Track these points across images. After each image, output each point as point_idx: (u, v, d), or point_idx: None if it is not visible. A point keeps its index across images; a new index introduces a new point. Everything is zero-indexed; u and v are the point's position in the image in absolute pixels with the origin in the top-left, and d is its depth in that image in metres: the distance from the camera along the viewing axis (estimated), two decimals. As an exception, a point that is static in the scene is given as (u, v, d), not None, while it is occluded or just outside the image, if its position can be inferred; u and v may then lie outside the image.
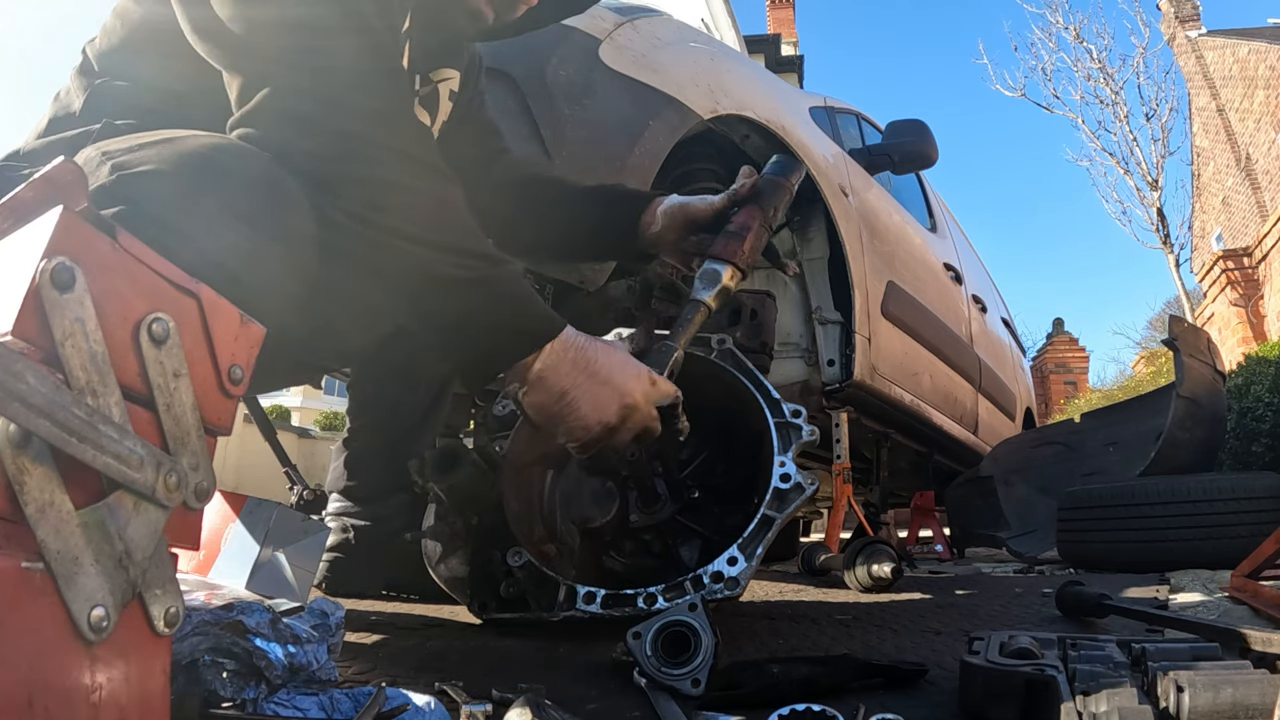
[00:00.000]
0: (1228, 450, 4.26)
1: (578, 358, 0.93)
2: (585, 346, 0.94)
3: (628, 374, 0.96)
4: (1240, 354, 6.93)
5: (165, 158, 0.69)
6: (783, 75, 6.25)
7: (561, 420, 0.94)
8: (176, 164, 0.70)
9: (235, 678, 0.65)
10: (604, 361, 0.95)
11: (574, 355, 0.93)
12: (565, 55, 1.63)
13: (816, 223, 2.42)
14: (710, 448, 1.44)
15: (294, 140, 0.79)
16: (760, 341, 1.56)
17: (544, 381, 0.92)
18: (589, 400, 0.94)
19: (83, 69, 0.97)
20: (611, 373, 0.95)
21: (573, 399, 0.93)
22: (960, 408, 3.49)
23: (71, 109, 0.94)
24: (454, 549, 1.24)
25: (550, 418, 0.95)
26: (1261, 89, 11.55)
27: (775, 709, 0.74)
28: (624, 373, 0.96)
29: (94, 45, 0.98)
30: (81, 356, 0.43)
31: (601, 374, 0.94)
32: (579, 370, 0.93)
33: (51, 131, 0.93)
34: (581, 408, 0.93)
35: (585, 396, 0.93)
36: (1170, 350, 3.16)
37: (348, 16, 0.82)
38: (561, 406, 0.93)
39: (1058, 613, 1.49)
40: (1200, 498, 2.37)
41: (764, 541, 1.11)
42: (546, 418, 0.95)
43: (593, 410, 0.94)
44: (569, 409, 0.93)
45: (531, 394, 0.93)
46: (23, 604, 0.39)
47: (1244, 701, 0.62)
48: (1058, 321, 19.72)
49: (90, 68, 0.97)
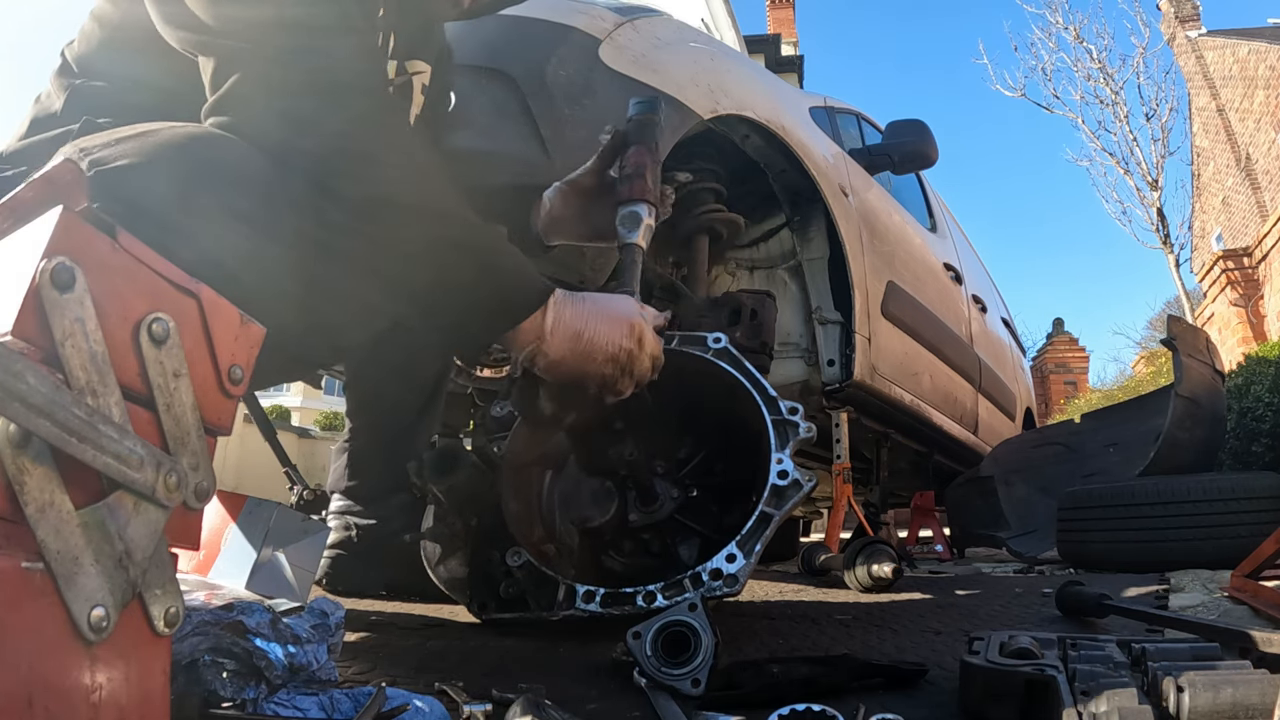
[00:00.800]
0: (1228, 450, 4.25)
1: (575, 303, 0.97)
2: (573, 293, 0.99)
3: (618, 302, 1.02)
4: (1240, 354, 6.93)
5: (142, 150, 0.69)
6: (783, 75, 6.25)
7: (589, 360, 0.97)
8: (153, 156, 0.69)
9: (235, 678, 0.65)
10: (596, 298, 1.00)
11: (572, 301, 0.97)
12: (565, 55, 1.63)
13: (816, 223, 2.42)
14: (709, 447, 1.44)
15: (294, 140, 0.79)
16: (760, 341, 1.56)
17: (561, 326, 0.95)
18: (604, 332, 0.98)
19: (62, 71, 0.97)
20: (608, 304, 1.00)
21: (590, 334, 0.97)
22: (960, 408, 3.49)
23: (52, 110, 0.94)
24: (453, 550, 1.24)
25: (579, 359, 0.97)
26: (1261, 89, 11.55)
27: (775, 709, 0.74)
28: (616, 302, 1.02)
29: (72, 48, 0.98)
30: (81, 356, 0.43)
31: (601, 307, 0.99)
32: (582, 312, 0.97)
33: (33, 133, 0.93)
34: (600, 340, 0.97)
35: (599, 329, 0.98)
36: (1169, 350, 3.16)
37: (343, 16, 0.82)
38: (584, 345, 0.97)
39: (1058, 613, 1.49)
40: (1200, 498, 2.37)
41: (762, 539, 1.11)
42: (575, 362, 0.97)
43: (610, 340, 0.98)
44: (591, 345, 0.97)
45: (553, 344, 0.95)
46: (23, 604, 0.39)
47: (1244, 701, 0.62)
48: (1058, 321, 19.73)
49: (69, 69, 0.97)
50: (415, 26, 1.13)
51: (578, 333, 0.96)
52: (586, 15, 1.74)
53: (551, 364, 0.96)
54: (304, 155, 0.80)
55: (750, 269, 2.59)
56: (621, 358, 0.99)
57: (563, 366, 0.97)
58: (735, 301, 1.65)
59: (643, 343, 1.02)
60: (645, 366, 1.03)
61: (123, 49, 0.95)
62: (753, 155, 2.18)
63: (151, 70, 0.92)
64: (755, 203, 2.43)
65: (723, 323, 1.62)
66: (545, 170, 1.48)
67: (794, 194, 2.36)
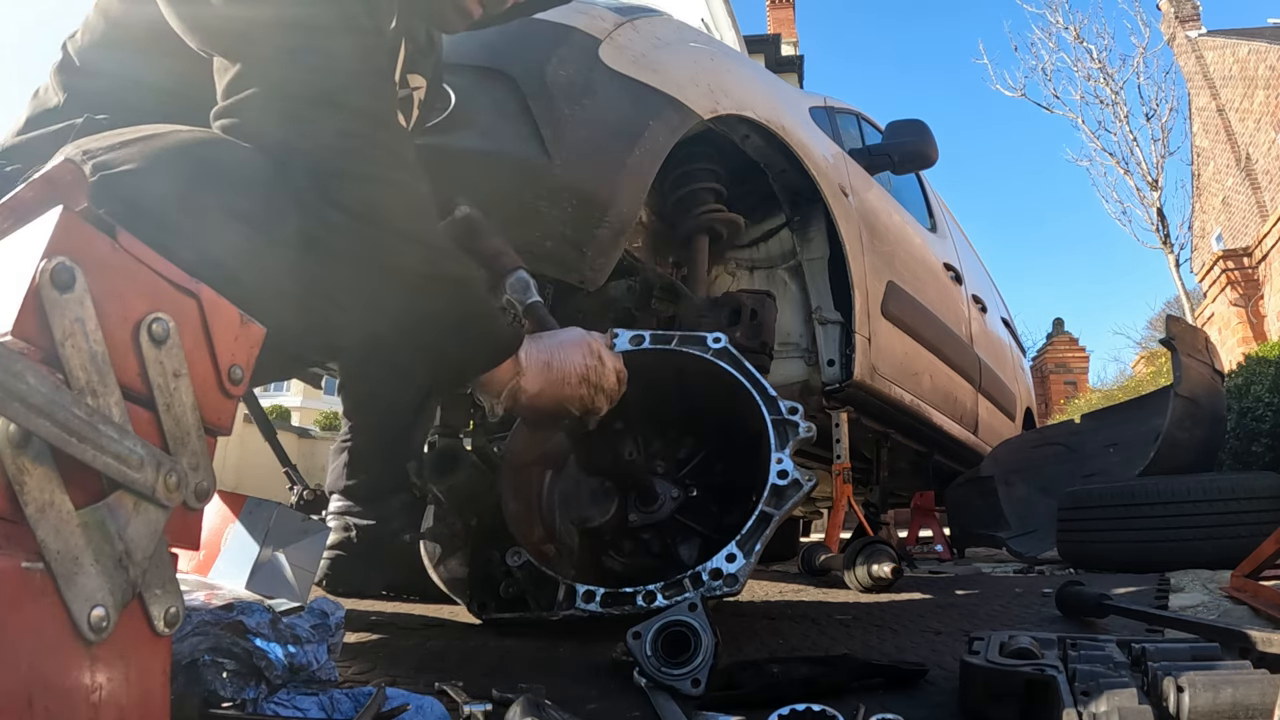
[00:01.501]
0: (1228, 450, 4.25)
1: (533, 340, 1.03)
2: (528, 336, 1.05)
3: (567, 330, 1.09)
4: (1240, 354, 6.92)
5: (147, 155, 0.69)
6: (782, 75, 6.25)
7: (565, 384, 1.03)
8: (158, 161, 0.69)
9: (235, 678, 0.65)
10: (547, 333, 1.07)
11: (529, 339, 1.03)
12: (565, 55, 1.62)
13: (816, 223, 2.42)
14: (709, 447, 1.44)
15: (294, 140, 0.79)
16: (760, 341, 1.56)
17: (532, 361, 1.00)
18: (568, 356, 1.04)
19: (62, 65, 0.96)
20: (561, 334, 1.07)
21: (558, 362, 1.03)
22: (960, 408, 3.49)
23: (50, 105, 0.93)
24: (453, 550, 1.24)
25: (554, 386, 1.02)
26: (1261, 89, 11.54)
27: (775, 709, 0.74)
28: (566, 331, 1.08)
29: (75, 41, 0.97)
30: (81, 356, 0.43)
31: (557, 338, 1.06)
32: (542, 345, 1.03)
33: (31, 129, 0.92)
34: (567, 364, 1.03)
35: (563, 354, 1.04)
36: (1169, 350, 3.16)
37: (344, 16, 0.82)
38: (555, 372, 1.02)
39: (1058, 613, 1.49)
40: (1200, 498, 2.37)
41: (762, 538, 1.11)
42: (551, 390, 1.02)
43: (577, 362, 1.04)
44: (562, 370, 1.02)
45: (529, 378, 0.99)
46: (23, 604, 0.39)
47: (1244, 701, 0.62)
48: (1058, 321, 19.71)
49: (70, 64, 0.96)
50: (423, 38, 1.13)
51: (546, 363, 1.01)
52: (586, 15, 1.73)
53: (532, 398, 1.00)
54: (304, 155, 0.80)
55: (750, 269, 2.59)
56: (591, 375, 1.05)
57: (542, 397, 1.01)
58: (735, 301, 1.65)
59: (603, 358, 1.08)
60: (612, 380, 1.09)
61: (125, 47, 0.94)
62: (753, 155, 2.17)
63: (152, 70, 0.91)
64: (755, 203, 2.43)
65: (723, 323, 1.62)
66: (545, 170, 1.48)
67: (794, 194, 2.36)
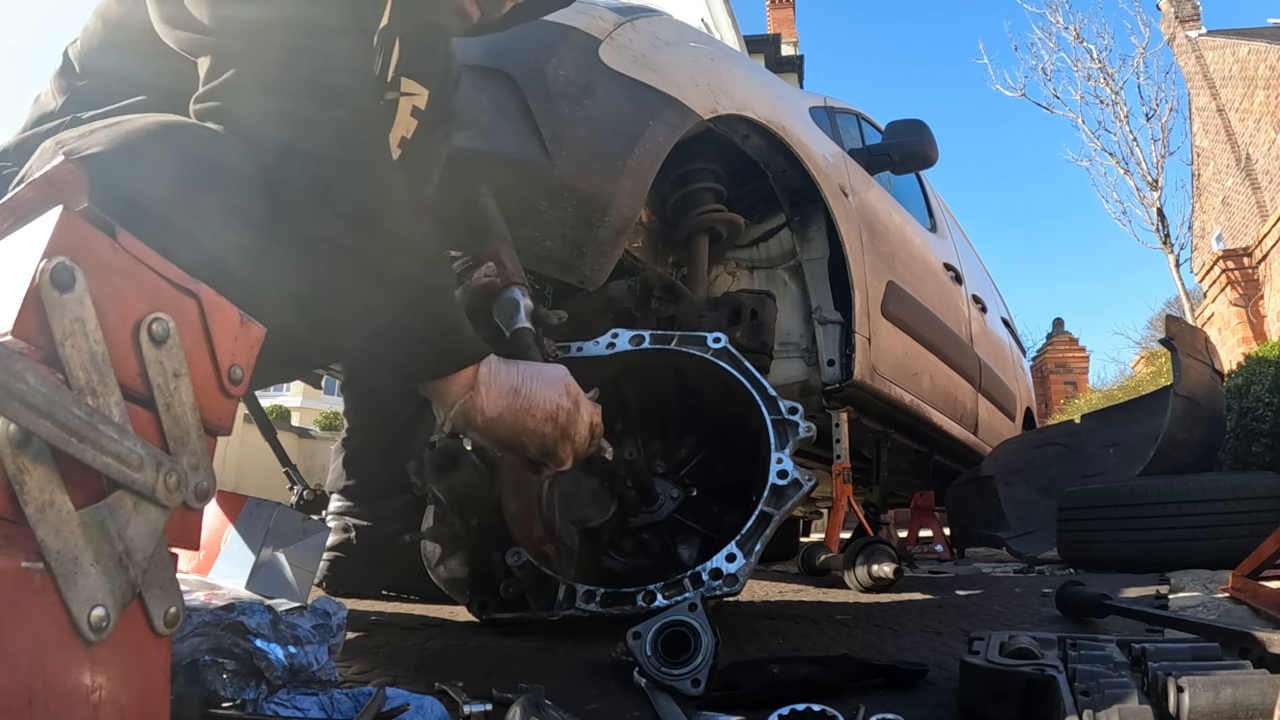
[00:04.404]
0: (1228, 450, 4.25)
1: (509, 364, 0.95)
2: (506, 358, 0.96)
3: (551, 367, 1.00)
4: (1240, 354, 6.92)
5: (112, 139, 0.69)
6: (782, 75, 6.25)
7: (528, 415, 0.94)
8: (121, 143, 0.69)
9: (235, 678, 0.65)
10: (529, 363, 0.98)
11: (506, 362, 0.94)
12: (565, 55, 1.62)
13: (816, 223, 2.42)
14: (709, 447, 1.44)
15: (295, 141, 0.79)
16: (760, 341, 1.56)
17: (497, 382, 0.92)
18: (541, 390, 0.95)
19: (63, 71, 0.97)
20: (541, 367, 0.98)
21: (527, 391, 0.94)
22: (960, 408, 3.49)
23: (49, 109, 0.93)
24: (453, 550, 1.24)
25: (516, 415, 0.93)
26: (1261, 89, 11.54)
27: (775, 709, 0.74)
28: (549, 366, 0.99)
29: (75, 47, 0.98)
30: (81, 356, 0.43)
31: (536, 369, 0.97)
32: (516, 371, 0.94)
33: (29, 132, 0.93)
34: (537, 397, 0.94)
35: (536, 387, 0.95)
36: (1168, 350, 3.16)
37: (343, 16, 0.82)
38: (522, 401, 0.93)
39: (1058, 613, 1.49)
40: (1200, 498, 2.37)
41: (762, 538, 1.11)
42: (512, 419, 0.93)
43: (548, 398, 0.95)
44: (529, 401, 0.94)
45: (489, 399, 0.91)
46: (23, 604, 0.39)
47: (1244, 701, 0.62)
48: (1058, 321, 19.70)
49: (70, 69, 0.96)
50: (418, 41, 1.12)
51: (514, 389, 0.93)
52: (586, 15, 1.73)
53: (488, 421, 0.92)
54: (302, 155, 0.80)
55: (750, 269, 2.59)
56: (560, 416, 0.96)
57: (499, 424, 0.93)
58: (735, 301, 1.65)
59: (579, 405, 0.99)
60: (584, 432, 1.00)
61: (124, 49, 0.94)
62: (753, 155, 2.18)
63: (152, 71, 0.91)
64: (755, 203, 2.43)
65: (723, 323, 1.62)
66: (545, 170, 1.48)
67: (794, 194, 2.36)
